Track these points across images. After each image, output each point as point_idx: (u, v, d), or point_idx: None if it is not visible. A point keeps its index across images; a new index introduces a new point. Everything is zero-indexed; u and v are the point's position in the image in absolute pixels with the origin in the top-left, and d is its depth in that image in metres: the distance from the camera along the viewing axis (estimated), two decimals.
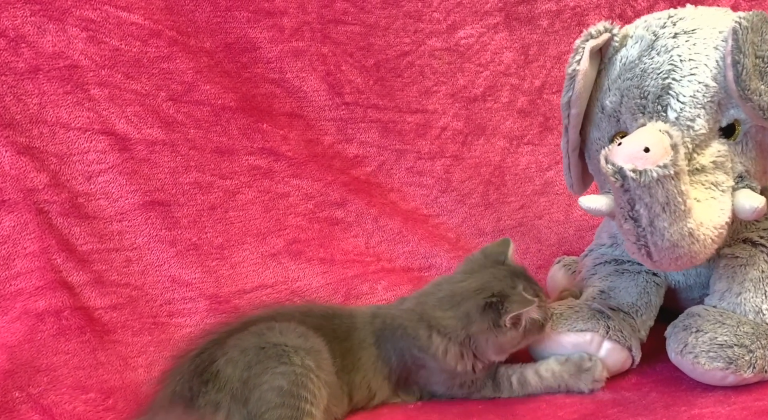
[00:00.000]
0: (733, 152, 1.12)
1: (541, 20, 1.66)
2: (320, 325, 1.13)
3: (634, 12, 1.64)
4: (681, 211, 1.02)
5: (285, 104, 1.58)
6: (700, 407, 1.07)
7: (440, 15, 1.64)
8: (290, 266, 1.49)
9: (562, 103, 1.19)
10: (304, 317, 1.13)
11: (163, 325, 1.38)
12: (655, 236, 1.03)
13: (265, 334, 1.07)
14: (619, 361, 1.17)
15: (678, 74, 1.12)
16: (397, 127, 1.63)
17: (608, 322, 1.17)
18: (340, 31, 1.61)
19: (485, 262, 1.17)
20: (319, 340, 1.09)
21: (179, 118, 1.49)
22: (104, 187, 1.43)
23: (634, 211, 1.03)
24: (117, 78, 1.46)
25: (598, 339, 1.16)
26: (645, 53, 1.15)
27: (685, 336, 1.11)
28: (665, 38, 1.15)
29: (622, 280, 1.25)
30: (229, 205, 1.50)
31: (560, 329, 1.16)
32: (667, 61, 1.13)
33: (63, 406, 1.18)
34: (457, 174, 1.64)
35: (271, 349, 1.05)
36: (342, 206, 1.55)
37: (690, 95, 1.11)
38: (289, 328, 1.09)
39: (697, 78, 1.11)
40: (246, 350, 1.05)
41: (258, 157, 1.52)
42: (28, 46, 1.43)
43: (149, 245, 1.43)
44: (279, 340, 1.06)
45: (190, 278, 1.43)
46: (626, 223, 1.04)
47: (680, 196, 1.01)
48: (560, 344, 1.16)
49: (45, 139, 1.42)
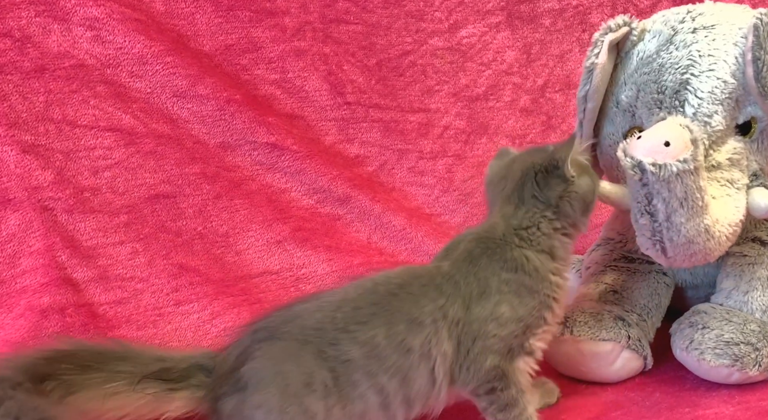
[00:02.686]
0: (749, 150, 1.12)
1: (543, 19, 1.66)
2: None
3: (637, 10, 1.65)
4: (698, 207, 1.01)
5: (285, 105, 1.58)
6: (704, 408, 1.07)
7: (442, 14, 1.65)
8: (296, 253, 1.50)
9: (578, 96, 1.19)
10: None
11: (168, 315, 1.38)
12: (671, 232, 1.02)
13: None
14: (633, 370, 1.17)
15: (696, 69, 1.12)
16: (399, 127, 1.64)
17: (629, 331, 1.16)
18: (342, 31, 1.61)
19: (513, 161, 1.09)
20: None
21: (183, 115, 1.49)
22: (110, 182, 1.44)
23: (651, 206, 1.01)
24: (122, 76, 1.47)
25: (618, 349, 1.15)
26: (663, 48, 1.15)
27: (691, 332, 1.11)
28: (684, 33, 1.15)
29: (634, 279, 1.24)
30: (234, 193, 1.50)
31: (582, 337, 1.15)
32: (686, 56, 1.13)
33: None
34: (459, 173, 1.64)
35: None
36: (345, 202, 1.56)
37: (708, 91, 1.10)
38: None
39: (716, 74, 1.11)
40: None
41: (261, 151, 1.53)
42: (33, 46, 1.44)
43: (156, 235, 1.43)
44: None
45: (196, 265, 1.43)
46: (642, 217, 1.03)
47: (698, 192, 1.01)
48: (579, 352, 1.15)
49: (51, 136, 1.43)
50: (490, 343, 0.99)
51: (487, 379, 1.00)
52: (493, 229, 1.05)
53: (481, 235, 1.05)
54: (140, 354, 1.01)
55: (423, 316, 0.98)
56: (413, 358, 0.97)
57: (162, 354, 1.03)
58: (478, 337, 0.99)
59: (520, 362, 1.02)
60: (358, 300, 1.00)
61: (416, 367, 0.97)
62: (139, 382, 0.97)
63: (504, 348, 1.00)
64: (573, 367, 1.17)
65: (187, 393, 0.99)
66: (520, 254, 1.02)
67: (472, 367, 1.00)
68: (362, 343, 0.96)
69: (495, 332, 0.99)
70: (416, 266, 1.08)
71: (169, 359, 1.01)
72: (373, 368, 0.96)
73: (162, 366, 0.99)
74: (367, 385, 0.96)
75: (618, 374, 1.16)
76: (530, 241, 1.03)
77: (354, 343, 0.96)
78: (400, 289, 1.00)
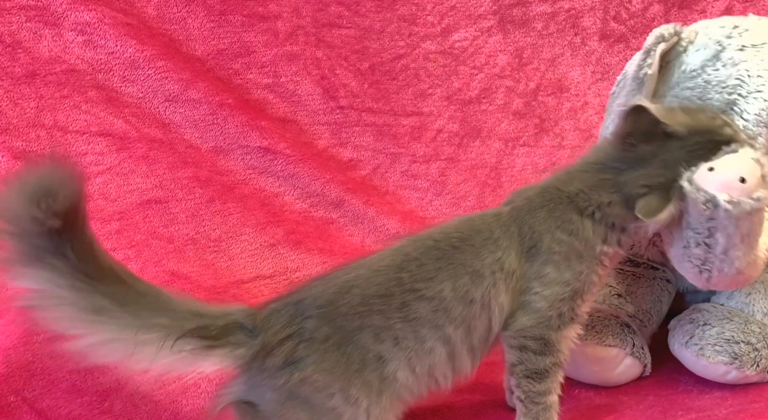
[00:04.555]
0: None
1: (535, 23, 1.66)
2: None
3: (629, 14, 1.65)
4: (755, 241, 0.99)
5: (278, 109, 1.58)
6: (697, 411, 1.08)
7: (434, 18, 1.65)
8: (289, 256, 1.49)
9: (621, 106, 1.13)
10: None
11: None
12: (724, 263, 0.99)
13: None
14: (632, 376, 1.17)
15: (744, 90, 1.09)
16: (392, 131, 1.63)
17: (634, 339, 1.16)
18: (335, 35, 1.61)
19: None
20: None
21: (175, 119, 1.49)
22: (102, 188, 1.43)
23: (712, 239, 0.98)
24: (114, 81, 1.46)
25: (622, 355, 1.15)
26: (709, 64, 1.12)
27: (691, 328, 1.12)
28: (732, 50, 1.11)
29: (639, 284, 1.24)
30: (227, 197, 1.50)
31: (589, 340, 1.14)
32: (734, 75, 1.10)
33: (59, 410, 1.17)
34: (452, 177, 1.64)
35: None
36: (339, 206, 1.55)
37: (755, 113, 1.08)
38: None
39: (763, 95, 1.08)
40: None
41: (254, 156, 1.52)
42: (24, 51, 1.44)
43: (147, 242, 1.43)
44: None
45: (188, 271, 1.42)
46: (698, 248, 0.99)
47: (759, 227, 0.99)
48: (584, 355, 1.14)
49: (42, 142, 1.42)
50: (531, 299, 1.01)
51: (522, 335, 1.01)
52: (568, 183, 1.04)
53: (552, 184, 1.05)
54: (178, 306, 0.98)
55: (483, 268, 1.00)
56: (476, 307, 0.99)
57: (199, 308, 1.00)
58: (524, 291, 1.01)
59: (571, 330, 1.03)
60: (422, 258, 1.01)
61: (478, 317, 1.00)
62: (176, 341, 0.95)
63: (547, 309, 1.01)
64: (573, 369, 1.16)
65: (224, 350, 0.97)
66: (578, 219, 1.02)
67: (511, 319, 1.01)
68: (430, 298, 0.98)
69: (537, 290, 1.01)
70: (474, 217, 1.07)
71: (207, 315, 0.99)
72: (440, 321, 0.98)
73: (200, 323, 0.97)
74: (435, 337, 0.98)
75: (617, 379, 1.16)
76: (593, 214, 1.02)
77: (422, 300, 0.98)
78: (461, 242, 1.02)
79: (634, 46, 1.65)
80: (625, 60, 1.64)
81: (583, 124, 1.67)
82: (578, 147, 1.65)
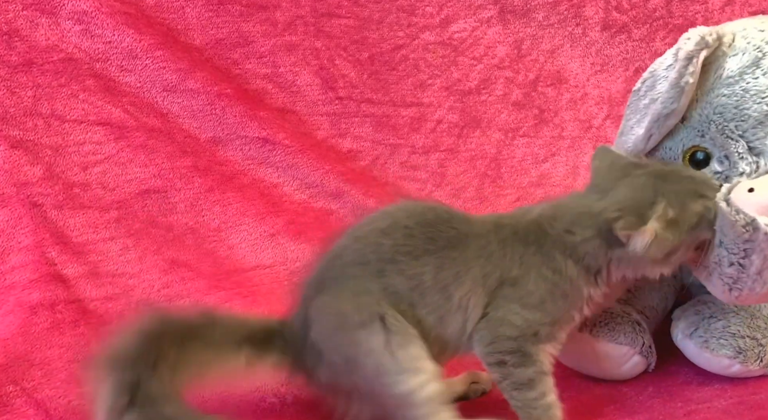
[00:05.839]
0: None
1: (536, 13, 1.66)
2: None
3: (630, 4, 1.64)
4: None
5: (277, 99, 1.57)
6: (697, 402, 1.07)
7: (433, 9, 1.64)
8: (289, 246, 1.49)
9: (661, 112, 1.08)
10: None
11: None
12: (756, 283, 0.97)
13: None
14: (636, 372, 1.16)
15: None
16: (391, 121, 1.63)
17: (644, 338, 1.15)
18: (334, 25, 1.60)
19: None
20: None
21: (174, 109, 1.49)
22: (100, 177, 1.43)
23: (747, 260, 0.96)
24: (111, 70, 1.46)
25: (631, 353, 1.14)
26: (748, 71, 1.07)
27: (697, 320, 1.11)
28: None
29: (647, 281, 1.23)
30: (227, 186, 1.50)
31: (601, 338, 1.13)
32: None
33: (58, 400, 1.16)
34: (451, 168, 1.64)
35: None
36: (338, 197, 1.55)
37: None
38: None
39: None
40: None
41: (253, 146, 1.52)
42: (21, 39, 1.43)
43: (147, 230, 1.42)
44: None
45: (187, 259, 1.42)
46: (731, 267, 0.97)
47: None
48: (593, 351, 1.13)
49: (39, 131, 1.42)
50: (509, 316, 1.00)
51: (497, 349, 1.00)
52: (558, 219, 1.03)
53: (544, 217, 1.04)
54: (223, 320, 1.04)
55: (467, 276, 1.00)
56: (452, 304, 1.00)
57: (241, 319, 1.05)
58: (502, 307, 1.00)
59: (548, 346, 1.02)
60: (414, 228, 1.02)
61: (453, 313, 1.00)
62: (240, 345, 1.00)
63: (527, 328, 1.00)
64: (580, 363, 1.16)
65: (273, 357, 1.02)
66: (562, 259, 1.01)
67: (486, 331, 1.01)
68: (410, 276, 1.00)
69: (517, 310, 1.00)
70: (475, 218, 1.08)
71: (250, 324, 1.04)
72: (415, 300, 0.99)
73: (248, 331, 1.02)
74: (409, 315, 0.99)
75: (622, 375, 1.15)
76: (576, 253, 1.01)
77: (400, 276, 1.00)
78: (458, 240, 1.02)
79: (636, 36, 1.65)
80: (625, 51, 1.65)
81: (582, 115, 1.66)
82: (578, 138, 1.65)
